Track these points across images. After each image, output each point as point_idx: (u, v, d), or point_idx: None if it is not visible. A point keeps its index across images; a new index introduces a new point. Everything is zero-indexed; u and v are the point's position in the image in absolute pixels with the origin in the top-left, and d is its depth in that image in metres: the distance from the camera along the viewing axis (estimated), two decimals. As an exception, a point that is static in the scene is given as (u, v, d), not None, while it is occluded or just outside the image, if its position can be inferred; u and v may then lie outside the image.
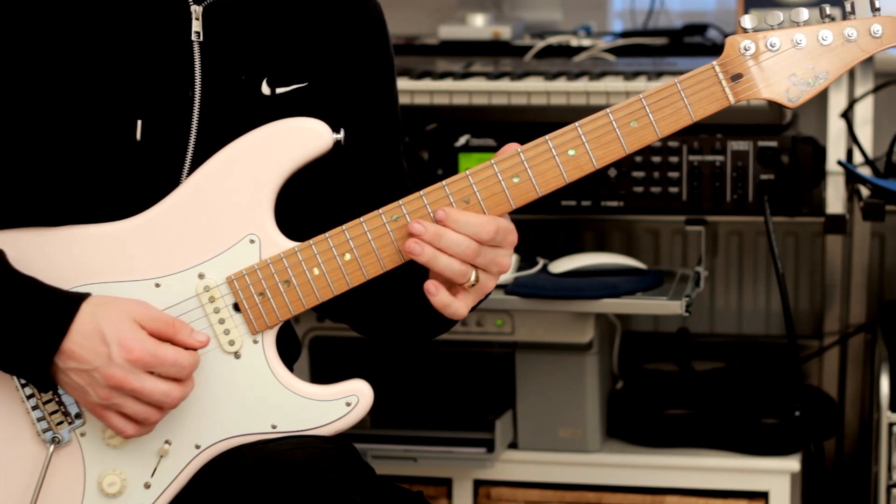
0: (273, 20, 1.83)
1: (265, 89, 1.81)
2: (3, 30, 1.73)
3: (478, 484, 2.76)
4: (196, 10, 1.78)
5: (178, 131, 1.77)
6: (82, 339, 1.67)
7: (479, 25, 3.09)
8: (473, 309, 1.79)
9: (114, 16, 1.75)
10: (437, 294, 1.73)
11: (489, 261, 1.73)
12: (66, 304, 1.68)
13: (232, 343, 1.75)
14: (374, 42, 1.90)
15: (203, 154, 1.76)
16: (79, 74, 1.74)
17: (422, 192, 1.74)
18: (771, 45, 1.74)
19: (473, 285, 1.74)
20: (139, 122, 1.75)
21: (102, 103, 1.74)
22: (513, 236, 1.76)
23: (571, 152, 1.74)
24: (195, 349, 1.71)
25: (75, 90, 1.73)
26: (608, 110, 1.74)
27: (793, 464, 2.68)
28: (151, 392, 1.67)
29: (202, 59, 1.78)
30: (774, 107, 2.57)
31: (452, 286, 1.74)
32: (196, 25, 1.78)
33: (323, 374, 2.77)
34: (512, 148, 1.75)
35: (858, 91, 2.81)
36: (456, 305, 1.74)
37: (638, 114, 1.74)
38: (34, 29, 1.73)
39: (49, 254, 1.74)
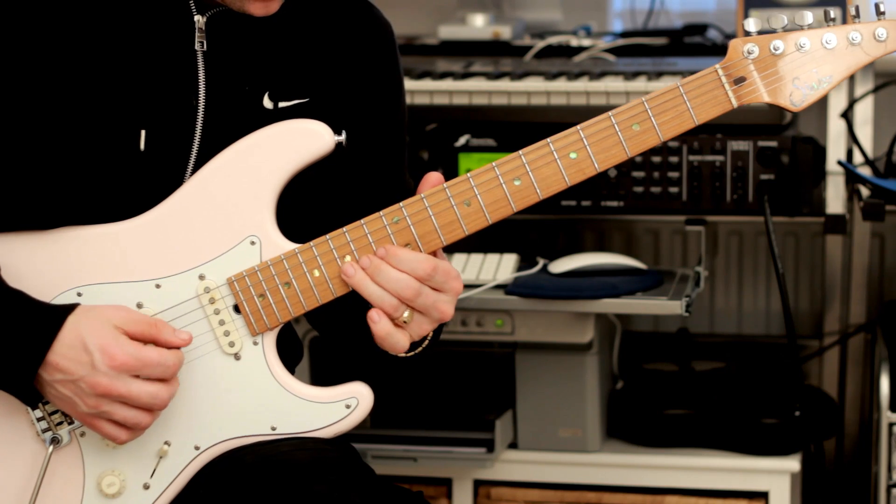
0: (278, 34, 1.82)
1: (267, 103, 1.81)
2: (9, 40, 1.73)
3: (478, 484, 2.76)
4: (199, 20, 1.78)
5: (181, 141, 1.77)
6: (66, 350, 1.67)
7: (479, 25, 3.09)
8: (417, 356, 1.80)
9: (118, 26, 1.75)
10: (378, 322, 1.73)
11: (430, 305, 1.73)
12: (51, 317, 1.68)
13: (232, 344, 1.75)
14: (383, 63, 1.89)
15: (205, 163, 1.76)
16: (83, 84, 1.73)
17: (423, 194, 1.74)
18: (774, 49, 1.74)
19: (406, 322, 1.74)
20: (143, 132, 1.75)
21: (106, 113, 1.74)
22: (456, 283, 1.75)
23: (573, 155, 1.74)
24: (178, 347, 1.71)
25: (79, 100, 1.73)
26: (610, 113, 1.74)
27: (793, 464, 2.68)
28: (139, 395, 1.67)
29: (206, 69, 1.78)
30: (775, 107, 2.56)
31: (393, 320, 1.74)
32: (199, 36, 1.78)
33: (323, 375, 2.77)
34: (434, 178, 1.75)
35: (858, 91, 2.80)
36: (396, 338, 1.73)
37: (640, 117, 1.74)
38: (39, 39, 1.73)
39: (48, 254, 1.74)
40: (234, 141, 1.75)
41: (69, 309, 1.69)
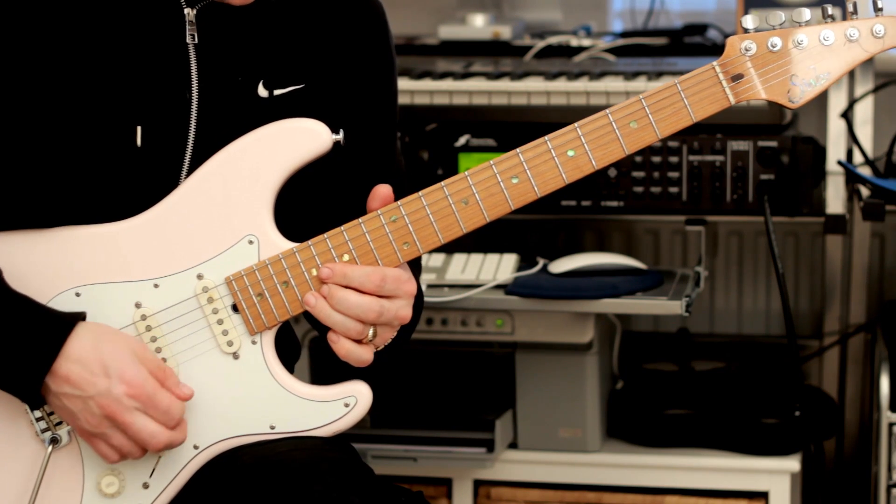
0: (269, 22, 1.82)
1: (262, 91, 1.81)
2: (3, 39, 1.73)
3: (478, 484, 2.76)
4: (189, 13, 1.78)
5: (177, 135, 1.77)
6: (81, 367, 1.67)
7: (479, 25, 3.09)
8: (387, 351, 1.80)
9: (108, 23, 1.75)
10: (338, 342, 1.73)
11: (392, 317, 1.74)
12: (59, 326, 1.68)
13: (230, 344, 1.75)
14: (376, 46, 1.89)
15: (201, 157, 1.76)
16: (77, 82, 1.73)
17: (420, 193, 1.74)
18: (772, 46, 1.74)
19: (371, 340, 1.74)
20: (139, 128, 1.75)
21: (102, 110, 1.74)
22: (409, 285, 1.75)
23: (571, 153, 1.74)
24: (179, 399, 1.71)
25: (75, 98, 1.73)
26: (608, 111, 1.74)
27: (793, 464, 2.68)
28: (140, 430, 1.68)
29: (198, 61, 1.78)
30: (774, 106, 2.56)
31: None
32: (190, 28, 1.78)
33: (322, 374, 2.77)
34: (383, 191, 1.75)
35: (858, 91, 2.80)
36: (358, 353, 1.74)
37: (638, 114, 1.74)
38: (32, 39, 1.73)
39: (46, 253, 1.74)
40: (230, 132, 1.75)
41: (76, 318, 1.69)
